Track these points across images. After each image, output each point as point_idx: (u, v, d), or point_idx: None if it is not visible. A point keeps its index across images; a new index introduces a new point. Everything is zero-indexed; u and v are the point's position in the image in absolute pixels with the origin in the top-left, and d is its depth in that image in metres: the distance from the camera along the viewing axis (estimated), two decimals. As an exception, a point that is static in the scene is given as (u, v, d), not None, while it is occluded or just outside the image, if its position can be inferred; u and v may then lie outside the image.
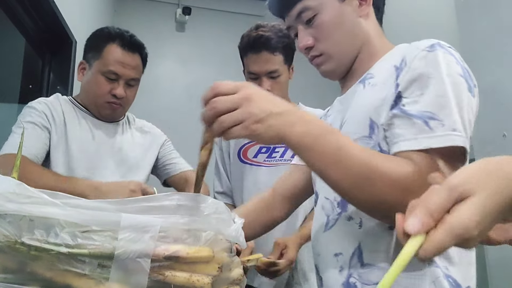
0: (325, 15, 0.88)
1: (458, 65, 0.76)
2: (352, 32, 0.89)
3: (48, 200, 0.66)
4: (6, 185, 0.66)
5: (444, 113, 0.72)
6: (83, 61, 1.42)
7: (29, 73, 2.43)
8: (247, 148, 1.57)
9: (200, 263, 0.67)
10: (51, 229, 0.64)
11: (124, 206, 0.69)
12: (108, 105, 1.38)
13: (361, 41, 0.90)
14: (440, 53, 0.76)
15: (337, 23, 0.88)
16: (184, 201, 0.71)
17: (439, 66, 0.74)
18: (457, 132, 0.71)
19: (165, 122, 3.58)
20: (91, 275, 0.65)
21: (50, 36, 2.37)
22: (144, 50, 1.43)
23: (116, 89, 1.35)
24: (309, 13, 0.88)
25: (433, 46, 0.78)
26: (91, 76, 1.37)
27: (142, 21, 3.79)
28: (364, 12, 0.90)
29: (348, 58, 0.91)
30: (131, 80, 1.38)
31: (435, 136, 0.71)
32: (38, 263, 0.64)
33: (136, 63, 1.39)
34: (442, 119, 0.71)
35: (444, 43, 0.80)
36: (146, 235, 0.65)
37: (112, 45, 1.36)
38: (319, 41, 0.90)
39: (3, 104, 2.30)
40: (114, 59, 1.35)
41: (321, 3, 0.88)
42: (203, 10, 4.02)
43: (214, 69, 3.87)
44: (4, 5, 1.96)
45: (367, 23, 0.91)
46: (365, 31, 0.91)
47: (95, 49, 1.38)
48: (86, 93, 1.41)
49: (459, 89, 0.74)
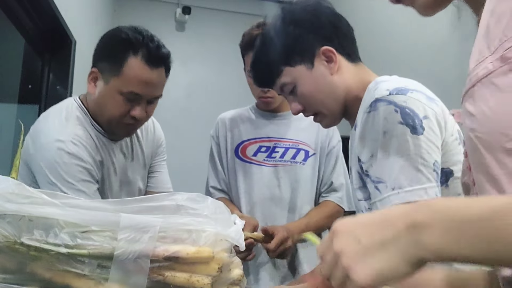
0: (302, 86, 0.98)
1: (397, 113, 0.81)
2: (330, 90, 0.98)
3: (48, 200, 0.66)
4: (5, 185, 0.66)
5: (387, 174, 0.81)
6: (95, 70, 1.16)
7: (29, 73, 2.43)
8: (246, 146, 1.56)
9: (200, 263, 0.67)
10: (50, 229, 0.64)
11: (123, 206, 0.69)
12: (124, 126, 1.18)
13: (343, 92, 0.98)
14: (379, 110, 0.83)
15: (314, 90, 0.98)
16: (184, 202, 0.71)
17: (378, 127, 0.82)
18: (395, 191, 0.79)
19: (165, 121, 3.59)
20: (90, 275, 0.64)
21: (50, 36, 2.37)
22: (169, 60, 1.22)
23: (136, 111, 1.14)
24: (288, 86, 1.00)
25: (373, 105, 0.84)
26: (107, 93, 1.14)
27: (142, 21, 3.75)
28: (334, 70, 0.97)
29: (337, 110, 1.00)
30: (154, 99, 1.20)
31: (382, 198, 0.81)
32: (37, 263, 0.64)
33: (161, 79, 1.18)
34: (385, 180, 0.81)
35: (385, 91, 0.84)
36: (145, 236, 0.65)
37: (135, 60, 1.11)
38: (306, 105, 1.01)
39: (3, 104, 2.30)
40: (136, 78, 1.11)
41: (295, 77, 0.98)
42: (203, 9, 4.02)
43: (214, 69, 3.87)
44: (3, 5, 1.96)
45: (341, 76, 0.98)
46: (342, 84, 0.97)
47: (113, 60, 1.13)
48: (101, 110, 1.17)
49: (400, 141, 0.80)
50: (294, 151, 1.52)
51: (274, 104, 1.53)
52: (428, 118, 0.82)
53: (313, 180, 1.51)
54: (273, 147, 1.53)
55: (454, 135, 0.86)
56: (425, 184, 0.78)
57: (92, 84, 1.17)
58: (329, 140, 1.55)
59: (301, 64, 0.98)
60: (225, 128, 1.60)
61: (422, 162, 0.79)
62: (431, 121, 0.82)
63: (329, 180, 1.53)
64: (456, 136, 0.87)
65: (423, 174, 0.79)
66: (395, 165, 0.80)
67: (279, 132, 1.55)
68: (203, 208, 0.71)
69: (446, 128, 0.85)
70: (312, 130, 1.55)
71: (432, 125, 0.82)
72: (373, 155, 0.83)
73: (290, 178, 1.49)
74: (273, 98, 1.50)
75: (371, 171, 0.84)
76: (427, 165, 0.79)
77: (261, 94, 1.50)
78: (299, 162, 1.50)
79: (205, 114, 3.54)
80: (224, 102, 2.89)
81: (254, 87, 1.51)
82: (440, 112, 0.85)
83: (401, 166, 0.79)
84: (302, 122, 1.57)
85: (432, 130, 0.82)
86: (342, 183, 1.53)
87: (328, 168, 1.54)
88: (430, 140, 0.81)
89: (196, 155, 2.58)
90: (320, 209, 1.49)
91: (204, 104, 3.71)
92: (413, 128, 0.80)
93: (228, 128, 1.59)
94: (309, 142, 1.53)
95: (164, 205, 0.70)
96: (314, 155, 1.52)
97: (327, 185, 1.53)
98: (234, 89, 1.89)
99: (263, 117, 1.59)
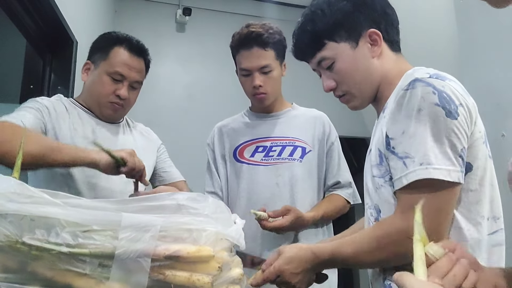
0: (342, 63, 0.99)
1: (434, 95, 0.82)
2: (367, 72, 0.99)
3: (49, 199, 0.66)
4: (7, 185, 0.66)
5: (416, 150, 0.81)
6: (88, 62, 1.44)
7: (30, 74, 2.43)
8: (244, 148, 1.57)
9: (200, 262, 0.67)
10: (52, 228, 0.65)
11: (124, 205, 0.69)
12: (111, 105, 1.40)
13: (378, 77, 0.99)
14: (417, 89, 0.83)
15: (353, 69, 0.99)
16: (185, 201, 0.71)
17: (414, 105, 0.82)
18: (423, 166, 0.79)
19: (165, 122, 3.59)
20: (91, 274, 0.65)
21: (51, 37, 2.37)
22: (148, 56, 1.47)
23: (120, 90, 1.38)
24: (327, 61, 1.00)
25: (412, 83, 0.85)
26: (96, 76, 1.40)
27: (143, 22, 3.79)
28: (376, 53, 0.98)
29: (369, 93, 1.01)
30: (135, 83, 1.42)
31: (408, 173, 0.81)
32: (39, 263, 0.65)
33: (141, 67, 1.44)
34: (413, 156, 0.81)
35: (425, 74, 0.86)
36: (146, 235, 0.65)
37: (119, 48, 1.40)
38: (340, 83, 1.01)
39: (4, 104, 2.30)
40: (121, 60, 1.38)
41: (337, 53, 0.99)
42: (203, 10, 4.02)
43: (214, 70, 3.87)
44: (5, 5, 1.96)
45: (381, 61, 0.99)
46: (380, 69, 0.99)
47: (102, 50, 1.41)
48: (90, 92, 1.43)
49: (434, 121, 0.81)
50: (291, 149, 1.52)
51: (267, 100, 1.53)
52: (463, 106, 0.83)
53: (311, 177, 1.51)
54: (270, 147, 1.54)
55: (481, 132, 0.88)
56: (450, 166, 0.79)
57: (85, 74, 1.44)
58: (326, 136, 1.56)
59: (346, 42, 0.98)
60: (221, 135, 1.62)
61: (451, 145, 0.80)
62: (465, 110, 0.83)
63: (336, 179, 1.53)
64: (482, 134, 0.88)
65: (450, 157, 0.80)
66: (426, 143, 0.80)
67: (274, 131, 1.55)
68: (203, 208, 0.71)
69: (476, 123, 0.86)
70: (308, 127, 1.56)
71: (466, 114, 0.83)
72: (405, 131, 0.83)
73: (288, 175, 1.49)
74: (266, 94, 1.50)
75: (399, 147, 0.84)
76: (455, 150, 0.80)
77: (254, 91, 1.50)
78: (297, 159, 1.50)
79: (205, 114, 3.54)
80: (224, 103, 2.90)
81: (246, 85, 1.52)
82: (473, 106, 0.87)
83: (431, 145, 0.80)
84: (298, 119, 1.58)
85: (466, 118, 0.83)
86: (349, 181, 1.56)
87: (332, 165, 1.54)
88: (462, 127, 0.82)
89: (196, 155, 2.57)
90: (329, 202, 1.51)
91: (204, 104, 3.71)
92: (449, 111, 0.81)
93: (225, 135, 1.61)
94: (306, 139, 1.53)
95: (165, 205, 0.70)
96: (311, 152, 1.52)
97: (334, 183, 1.53)
98: (234, 89, 1.89)
99: (257, 118, 1.59)
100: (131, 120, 1.58)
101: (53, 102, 1.37)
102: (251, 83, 1.49)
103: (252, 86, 1.49)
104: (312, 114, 1.62)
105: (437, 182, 0.79)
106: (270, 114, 1.59)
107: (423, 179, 0.79)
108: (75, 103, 1.44)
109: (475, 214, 0.84)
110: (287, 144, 1.53)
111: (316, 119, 1.59)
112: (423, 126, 0.81)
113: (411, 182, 0.80)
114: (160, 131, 1.67)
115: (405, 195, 0.82)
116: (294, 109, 1.63)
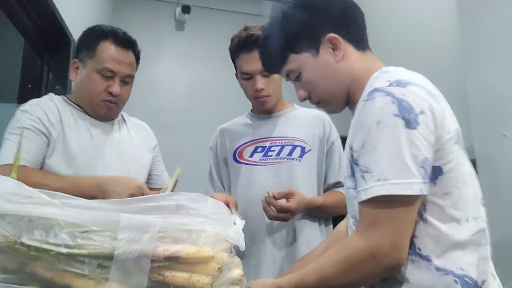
0: (307, 73, 0.98)
1: (394, 105, 0.80)
2: (335, 78, 0.97)
3: (48, 200, 0.66)
4: (5, 185, 0.65)
5: (375, 164, 0.80)
6: (76, 60, 1.38)
7: (28, 73, 2.42)
8: (243, 149, 1.58)
9: (200, 263, 0.67)
10: (50, 229, 0.64)
11: (123, 206, 0.69)
12: (104, 104, 1.35)
13: (347, 81, 0.97)
14: (376, 100, 0.82)
15: (319, 77, 0.98)
16: (184, 201, 0.71)
17: (373, 116, 0.81)
18: (380, 182, 0.78)
19: (165, 121, 3.59)
20: (90, 275, 0.64)
21: (49, 36, 2.36)
22: (137, 47, 1.41)
23: (112, 87, 1.32)
24: (294, 73, 1.01)
25: (371, 94, 0.83)
26: (85, 74, 1.33)
27: (141, 20, 3.78)
28: (339, 57, 0.96)
29: (341, 98, 1.00)
30: (127, 77, 1.36)
31: (367, 188, 0.80)
32: (37, 264, 0.64)
33: (130, 60, 1.37)
34: (372, 170, 0.80)
35: (385, 82, 0.84)
36: (145, 235, 0.65)
37: (105, 43, 1.33)
38: (311, 92, 1.01)
39: (2, 104, 2.29)
40: (108, 56, 1.32)
41: (300, 64, 0.98)
42: (202, 9, 4.02)
43: (214, 68, 3.86)
44: (3, 5, 1.95)
45: (347, 64, 0.97)
46: (347, 72, 0.97)
47: (88, 47, 1.34)
48: (81, 92, 1.37)
49: (393, 133, 0.79)
50: (290, 148, 1.52)
51: (269, 103, 1.53)
52: (425, 113, 0.81)
53: (310, 176, 1.51)
54: (268, 147, 1.54)
55: (451, 134, 0.85)
56: (410, 179, 0.77)
57: (74, 73, 1.38)
58: (327, 136, 1.55)
59: (306, 51, 0.97)
60: (224, 138, 1.62)
61: (412, 157, 0.78)
62: (427, 116, 0.81)
63: (337, 179, 1.53)
64: (452, 135, 0.85)
65: (410, 169, 0.78)
66: (384, 156, 0.79)
67: (274, 131, 1.55)
68: (203, 208, 0.71)
69: (443, 125, 0.83)
70: (308, 127, 1.55)
71: (428, 120, 0.81)
72: (364, 144, 0.82)
73: (287, 175, 1.49)
74: (268, 97, 1.50)
75: (360, 160, 0.83)
76: (416, 161, 0.78)
77: (256, 94, 1.50)
78: (295, 159, 1.50)
79: (205, 114, 3.54)
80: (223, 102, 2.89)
81: (248, 89, 1.52)
82: (439, 109, 0.84)
83: (389, 158, 0.78)
84: (297, 119, 1.58)
85: (427, 126, 0.81)
86: None
87: (333, 165, 1.54)
88: (423, 136, 0.80)
89: (196, 155, 2.57)
90: (329, 194, 1.51)
91: (204, 103, 3.71)
92: (408, 121, 0.79)
93: (226, 137, 1.61)
94: (305, 138, 1.53)
95: (164, 205, 0.70)
96: (311, 151, 1.52)
97: (335, 182, 1.53)
98: (233, 88, 1.89)
99: (258, 120, 1.59)
100: (126, 115, 1.54)
101: (44, 108, 1.32)
102: (253, 86, 1.49)
103: (254, 90, 1.49)
104: (312, 113, 1.62)
105: (396, 197, 0.77)
106: (271, 115, 1.59)
107: (381, 195, 0.78)
108: (68, 102, 1.39)
109: (454, 217, 0.82)
110: (286, 144, 1.53)
111: (316, 118, 1.59)
112: (383, 139, 0.79)
113: (370, 197, 0.79)
114: (159, 130, 1.67)
115: (365, 209, 0.82)
116: (295, 109, 1.63)
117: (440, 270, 0.80)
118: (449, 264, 0.81)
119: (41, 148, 1.26)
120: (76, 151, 1.29)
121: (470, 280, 0.80)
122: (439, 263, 0.81)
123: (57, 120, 1.31)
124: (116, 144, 1.39)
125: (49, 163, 1.26)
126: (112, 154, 1.36)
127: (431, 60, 2.27)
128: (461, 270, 0.80)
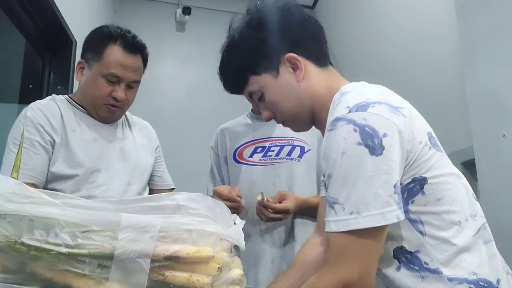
0: (269, 94, 0.96)
1: (356, 133, 0.77)
2: (297, 98, 0.95)
3: (48, 200, 0.66)
4: (5, 185, 0.66)
5: (345, 197, 0.77)
6: (81, 61, 1.35)
7: (29, 73, 2.42)
8: (243, 149, 1.58)
9: (200, 263, 0.67)
10: (51, 229, 0.64)
11: (124, 206, 0.69)
12: (107, 108, 1.33)
13: (309, 100, 0.95)
14: (338, 130, 0.79)
15: (281, 97, 0.95)
16: (185, 201, 0.71)
17: (337, 148, 0.78)
18: (353, 215, 0.75)
19: (165, 121, 3.59)
20: (91, 275, 0.65)
21: (50, 36, 2.37)
22: (145, 51, 1.38)
23: (117, 92, 1.30)
24: (256, 95, 0.98)
25: (334, 123, 0.80)
26: (90, 77, 1.31)
27: (142, 21, 3.78)
28: (300, 77, 0.94)
29: (304, 118, 0.98)
30: (132, 83, 1.34)
31: (339, 220, 0.77)
32: (38, 263, 0.64)
33: (137, 64, 1.34)
34: (342, 202, 0.77)
35: (345, 110, 0.81)
36: (146, 235, 0.65)
37: (113, 47, 1.30)
38: (275, 112, 0.99)
39: (3, 104, 2.29)
40: (115, 61, 1.29)
41: (261, 85, 0.96)
42: (203, 10, 4.02)
43: (214, 69, 3.82)
44: (4, 5, 1.96)
45: (307, 83, 0.95)
46: (308, 91, 0.95)
47: (95, 49, 1.31)
48: (85, 94, 1.35)
49: (359, 163, 0.76)
50: (289, 148, 1.52)
51: None
52: (388, 135, 0.77)
53: (310, 176, 1.51)
54: (268, 147, 1.54)
55: (423, 142, 0.82)
56: (383, 208, 0.75)
57: (79, 73, 1.36)
58: None
59: (266, 72, 0.95)
60: (224, 138, 1.62)
61: (381, 185, 0.75)
62: (392, 137, 0.78)
63: None
64: (425, 141, 0.83)
65: (382, 198, 0.75)
66: (354, 188, 0.76)
67: (274, 131, 1.56)
68: (203, 208, 0.71)
69: (413, 137, 0.81)
70: None
71: (394, 141, 0.78)
72: (330, 174, 0.79)
73: (286, 175, 1.49)
74: None
75: (329, 189, 0.80)
76: (386, 188, 0.75)
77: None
78: (295, 159, 1.51)
79: (205, 114, 3.54)
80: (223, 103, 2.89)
81: None
82: (406, 122, 0.81)
83: (359, 190, 0.76)
84: None
85: (393, 147, 0.77)
86: None
87: None
88: (390, 160, 0.77)
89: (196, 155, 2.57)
90: None
91: (204, 104, 3.71)
92: (372, 149, 0.76)
93: (227, 137, 1.62)
94: (305, 138, 1.53)
95: (165, 205, 0.70)
96: (310, 151, 1.53)
97: None
98: (234, 89, 1.89)
99: (258, 120, 1.60)
100: (129, 114, 1.53)
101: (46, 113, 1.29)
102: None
103: None
104: None
105: (368, 229, 0.75)
106: None
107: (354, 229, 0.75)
108: (71, 102, 1.38)
109: (453, 221, 0.81)
110: (286, 144, 1.53)
111: None
112: (350, 170, 0.77)
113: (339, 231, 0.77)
114: (160, 130, 1.67)
115: (336, 239, 0.79)
116: None
117: (453, 280, 0.79)
118: (461, 272, 0.79)
119: (45, 158, 1.24)
120: (79, 154, 1.28)
121: (485, 283, 0.79)
122: (450, 272, 0.79)
123: (59, 124, 1.30)
124: (120, 146, 1.39)
125: (53, 170, 1.25)
126: (116, 157, 1.36)
127: (429, 61, 2.27)
128: (474, 274, 0.79)
